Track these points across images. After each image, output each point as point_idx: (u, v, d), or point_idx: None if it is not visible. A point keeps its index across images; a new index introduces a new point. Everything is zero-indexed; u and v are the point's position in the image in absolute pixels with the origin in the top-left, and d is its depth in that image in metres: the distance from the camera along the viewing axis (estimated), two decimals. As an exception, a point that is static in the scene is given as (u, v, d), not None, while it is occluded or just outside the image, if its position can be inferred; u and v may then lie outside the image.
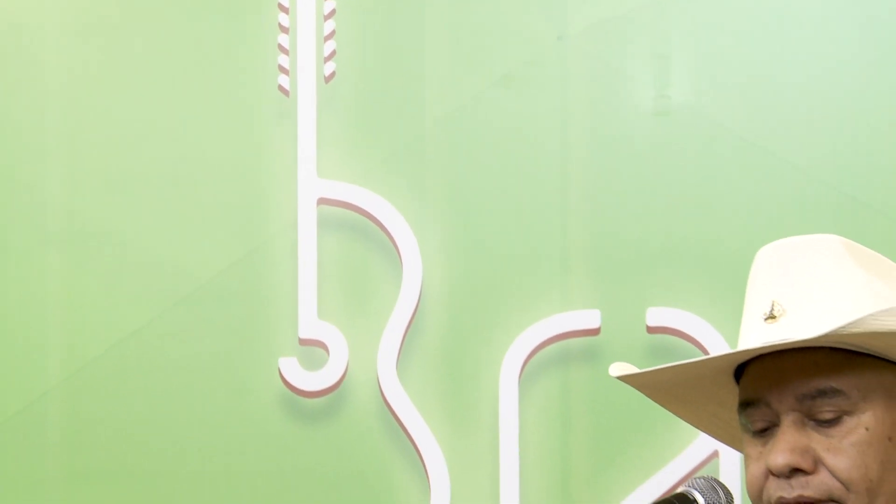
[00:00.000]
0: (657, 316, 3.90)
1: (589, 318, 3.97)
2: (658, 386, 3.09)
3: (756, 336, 2.83)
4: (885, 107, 3.78)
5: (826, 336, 2.73)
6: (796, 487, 2.77)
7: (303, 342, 4.17)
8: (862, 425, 2.78)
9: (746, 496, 2.87)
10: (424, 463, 4.07)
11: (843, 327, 2.69)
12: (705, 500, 2.81)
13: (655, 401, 3.11)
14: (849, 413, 2.78)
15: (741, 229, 3.84)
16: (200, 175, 4.33)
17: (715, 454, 3.87)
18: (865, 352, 2.80)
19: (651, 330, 3.91)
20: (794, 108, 3.88)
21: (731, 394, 2.95)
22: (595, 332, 3.96)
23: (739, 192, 3.90)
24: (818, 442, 2.78)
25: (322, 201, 4.18)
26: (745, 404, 2.85)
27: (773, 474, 2.78)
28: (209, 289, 4.28)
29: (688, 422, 3.15)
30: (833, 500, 2.77)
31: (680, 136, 3.94)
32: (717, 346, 3.86)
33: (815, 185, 3.83)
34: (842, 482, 2.77)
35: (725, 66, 3.96)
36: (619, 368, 3.01)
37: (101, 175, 4.41)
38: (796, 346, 2.79)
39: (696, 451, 3.89)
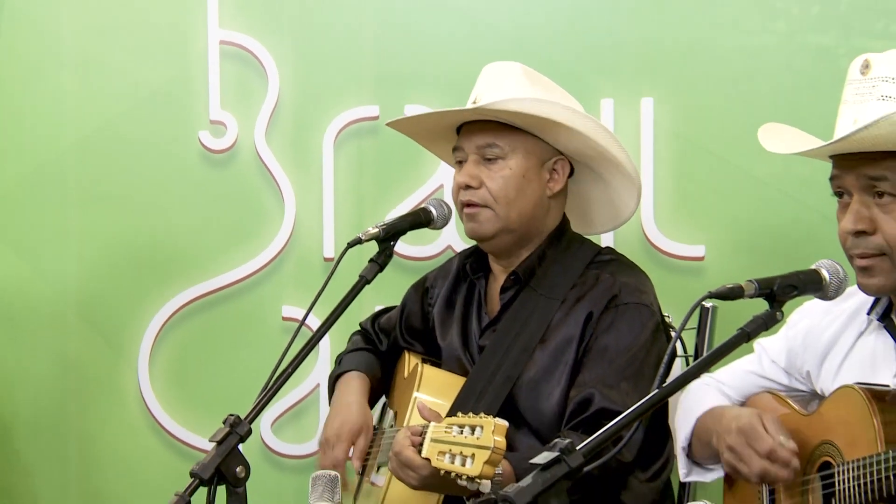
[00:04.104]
0: (410, 109, 3.84)
1: (372, 110, 3.99)
2: (414, 132, 3.31)
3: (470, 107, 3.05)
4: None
5: (483, 111, 3.00)
6: (469, 195, 3.07)
7: (212, 122, 4.17)
8: (508, 166, 3.06)
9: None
10: (281, 191, 4.11)
11: (489, 104, 2.96)
12: (436, 211, 3.09)
13: (415, 140, 3.34)
14: (502, 158, 3.05)
15: (469, 57, 3.62)
16: (156, 30, 4.26)
17: (441, 186, 3.88)
18: (516, 125, 3.02)
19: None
20: None
21: (455, 139, 3.16)
22: (375, 118, 3.97)
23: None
24: (483, 172, 3.07)
25: (222, 42, 4.15)
26: (454, 149, 3.15)
27: (462, 188, 3.09)
28: (161, 92, 4.24)
29: (432, 151, 3.39)
30: (487, 206, 3.06)
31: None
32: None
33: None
34: (493, 196, 3.06)
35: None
36: (393, 122, 3.30)
37: (100, 24, 4.31)
38: (478, 118, 3.04)
39: (433, 182, 3.93)
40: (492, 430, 2.38)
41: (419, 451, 2.63)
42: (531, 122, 3.01)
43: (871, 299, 2.60)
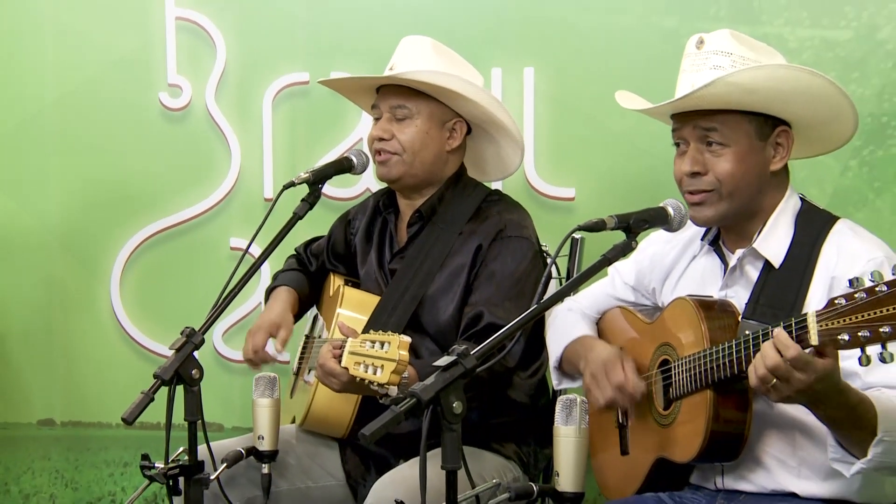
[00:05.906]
0: (335, 75, 3.75)
1: (303, 76, 3.93)
2: (341, 89, 3.27)
3: (385, 75, 3.05)
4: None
5: (396, 79, 3.00)
6: (382, 145, 3.06)
7: (170, 85, 4.11)
8: (415, 124, 3.04)
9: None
10: (228, 143, 4.06)
11: (403, 73, 2.97)
12: (356, 159, 3.10)
13: (341, 94, 3.29)
14: (410, 118, 3.04)
15: (384, 32, 3.60)
16: (123, 6, 4.16)
17: (360, 139, 3.80)
18: (424, 91, 3.01)
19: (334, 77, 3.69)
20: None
21: (374, 96, 3.12)
22: (306, 83, 3.92)
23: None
24: (394, 127, 3.05)
25: (178, 18, 4.07)
26: (373, 106, 3.11)
27: (376, 140, 3.06)
28: (127, 59, 4.15)
29: (354, 102, 3.31)
30: (396, 154, 3.05)
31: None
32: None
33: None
34: (403, 148, 3.05)
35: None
36: (325, 81, 3.27)
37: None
38: (393, 82, 3.02)
39: (353, 136, 3.87)
40: (397, 345, 2.40)
41: (339, 362, 2.63)
42: (435, 89, 3.02)
43: (704, 229, 2.64)
